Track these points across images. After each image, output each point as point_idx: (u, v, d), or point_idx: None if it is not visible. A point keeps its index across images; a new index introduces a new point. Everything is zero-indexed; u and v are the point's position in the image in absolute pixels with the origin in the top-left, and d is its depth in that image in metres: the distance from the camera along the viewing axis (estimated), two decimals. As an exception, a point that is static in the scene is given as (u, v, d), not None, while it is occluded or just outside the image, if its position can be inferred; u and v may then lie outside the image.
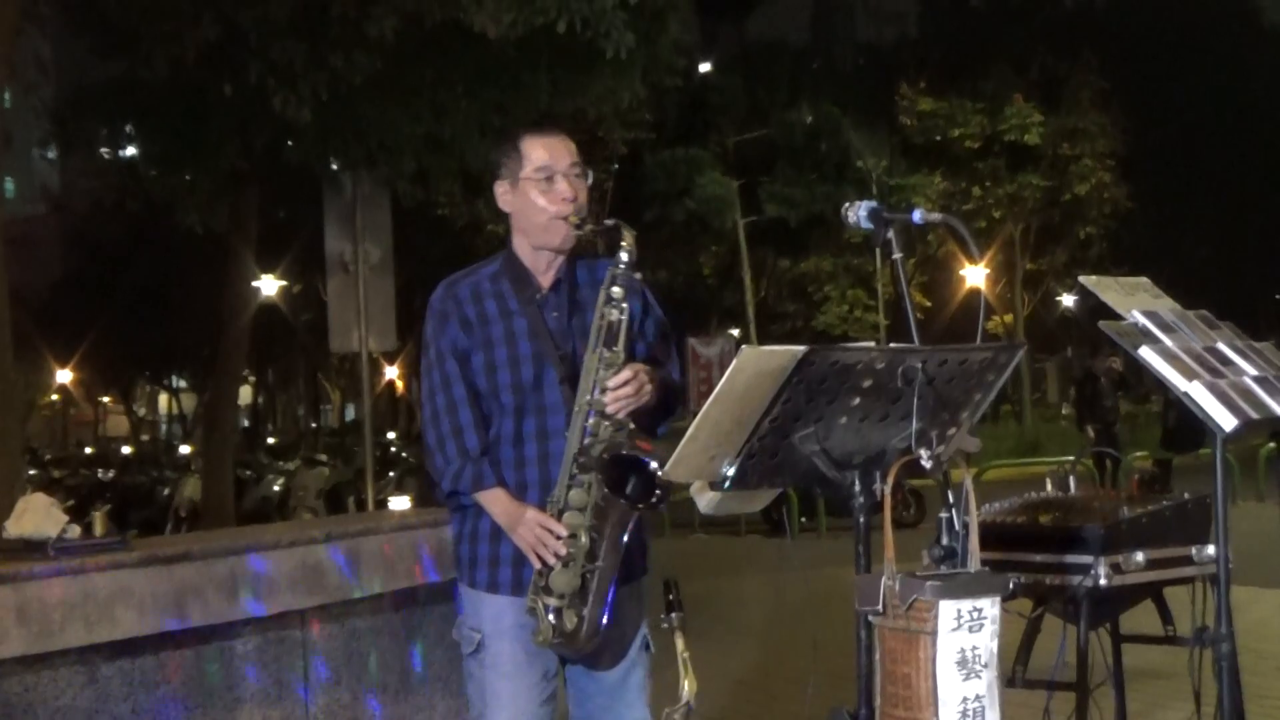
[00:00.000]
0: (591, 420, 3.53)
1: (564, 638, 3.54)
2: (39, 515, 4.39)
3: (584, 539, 3.51)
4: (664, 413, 3.69)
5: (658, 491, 3.43)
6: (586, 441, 3.52)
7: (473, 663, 3.74)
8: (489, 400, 3.68)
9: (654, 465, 3.41)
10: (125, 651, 4.40)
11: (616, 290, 3.56)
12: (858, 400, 3.15)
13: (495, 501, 3.64)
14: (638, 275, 3.61)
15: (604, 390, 3.52)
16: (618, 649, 3.71)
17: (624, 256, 3.57)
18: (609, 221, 3.65)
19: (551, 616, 3.52)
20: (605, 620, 3.54)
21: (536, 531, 3.54)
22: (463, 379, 3.67)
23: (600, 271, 3.70)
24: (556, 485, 3.57)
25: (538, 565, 3.56)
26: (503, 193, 3.77)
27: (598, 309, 3.58)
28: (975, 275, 27.56)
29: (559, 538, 3.52)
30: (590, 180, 3.76)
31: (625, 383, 3.52)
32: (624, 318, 3.55)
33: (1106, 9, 49.13)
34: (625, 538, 3.53)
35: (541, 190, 3.68)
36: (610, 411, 3.52)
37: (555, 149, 3.72)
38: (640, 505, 3.49)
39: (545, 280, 3.74)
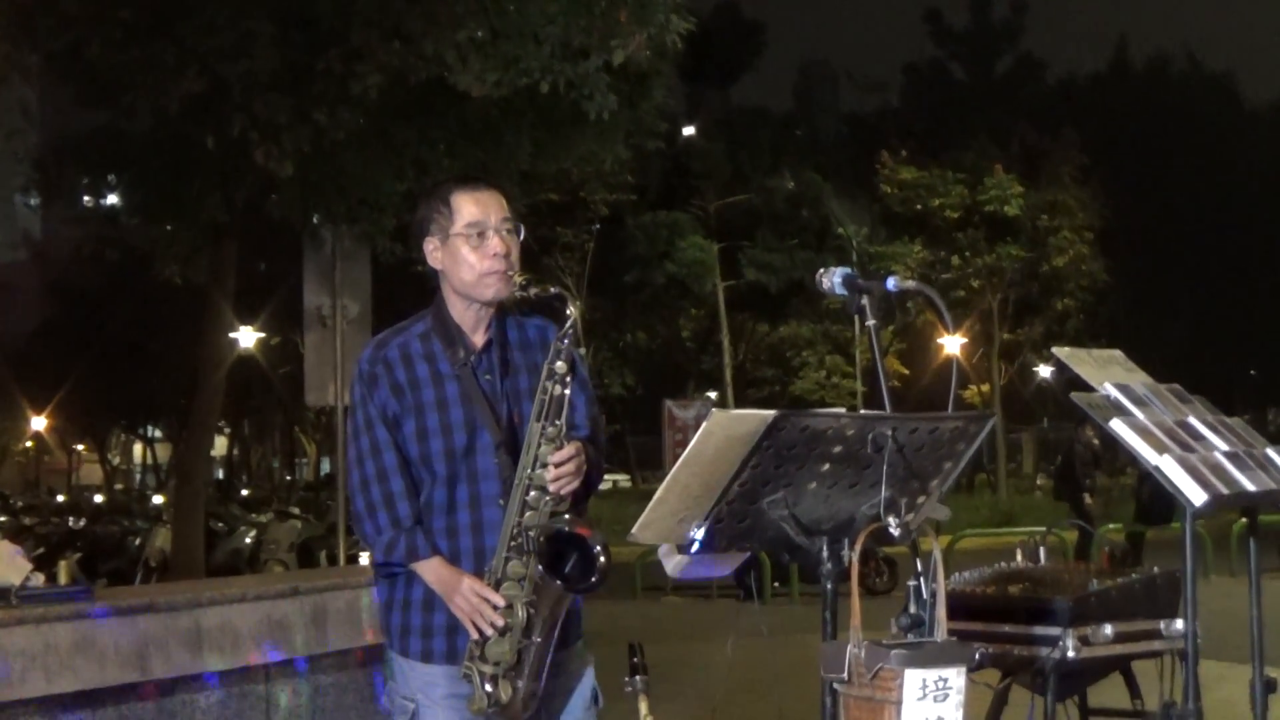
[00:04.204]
0: (532, 495, 3.47)
1: (499, 708, 3.46)
2: (2, 563, 4.36)
3: (521, 613, 3.44)
4: (586, 490, 3.60)
5: (595, 575, 3.39)
6: (526, 516, 3.46)
7: None
8: (419, 467, 3.59)
9: (598, 548, 3.38)
10: (86, 702, 4.36)
11: (560, 365, 3.50)
12: (827, 466, 3.15)
13: (430, 570, 3.55)
14: (581, 351, 3.56)
15: (544, 465, 3.46)
16: (558, 710, 3.63)
17: (568, 329, 3.53)
18: (554, 289, 3.59)
19: (487, 685, 3.45)
20: (540, 691, 3.48)
21: (473, 600, 3.47)
22: (393, 445, 3.58)
23: (530, 330, 3.67)
24: (494, 556, 3.50)
25: (474, 635, 3.48)
26: (432, 249, 3.67)
27: (540, 383, 3.52)
28: (952, 344, 27.61)
29: (495, 608, 3.45)
30: (522, 235, 3.69)
31: (568, 459, 3.47)
32: (567, 392, 3.49)
33: (1088, 87, 49.70)
34: (563, 615, 3.48)
35: (473, 246, 3.60)
36: (552, 489, 3.46)
37: (486, 204, 3.63)
38: (578, 588, 3.44)
39: (477, 339, 3.66)
